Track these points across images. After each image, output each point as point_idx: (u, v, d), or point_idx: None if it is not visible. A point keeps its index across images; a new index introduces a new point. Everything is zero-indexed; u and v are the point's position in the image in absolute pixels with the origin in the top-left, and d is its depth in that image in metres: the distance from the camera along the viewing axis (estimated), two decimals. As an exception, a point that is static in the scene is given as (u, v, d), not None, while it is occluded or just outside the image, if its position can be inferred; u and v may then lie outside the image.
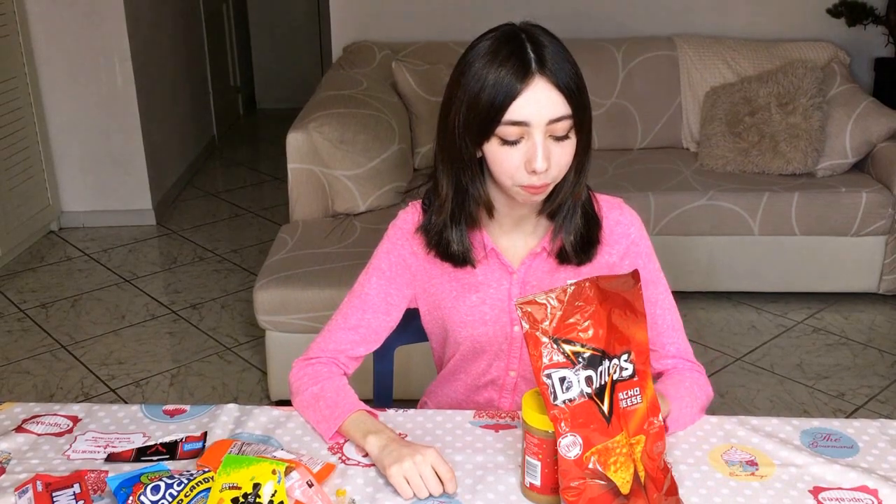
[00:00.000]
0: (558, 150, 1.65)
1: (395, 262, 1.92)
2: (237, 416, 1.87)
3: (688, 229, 4.37)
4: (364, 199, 4.07)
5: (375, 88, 4.49)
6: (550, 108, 1.61)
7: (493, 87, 1.60)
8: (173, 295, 4.79)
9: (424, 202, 1.89)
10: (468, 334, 1.92)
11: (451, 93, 1.70)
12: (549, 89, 1.61)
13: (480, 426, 1.83)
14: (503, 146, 1.64)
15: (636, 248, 1.89)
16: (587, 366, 1.46)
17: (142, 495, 1.49)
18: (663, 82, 4.99)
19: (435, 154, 1.80)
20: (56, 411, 1.89)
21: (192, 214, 6.05)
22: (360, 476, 1.67)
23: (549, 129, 1.62)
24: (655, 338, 1.91)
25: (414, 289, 1.94)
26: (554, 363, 1.46)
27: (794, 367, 3.98)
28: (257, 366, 4.04)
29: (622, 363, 1.51)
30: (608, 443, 1.47)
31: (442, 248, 1.85)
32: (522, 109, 1.60)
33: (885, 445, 1.77)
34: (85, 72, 5.44)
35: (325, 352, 1.93)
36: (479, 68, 1.63)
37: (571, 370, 1.46)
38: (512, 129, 1.62)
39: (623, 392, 1.50)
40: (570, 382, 1.46)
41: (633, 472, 1.48)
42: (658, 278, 1.92)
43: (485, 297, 1.88)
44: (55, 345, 4.25)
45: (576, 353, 1.46)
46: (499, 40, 1.64)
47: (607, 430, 1.47)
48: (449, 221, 1.81)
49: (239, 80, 8.65)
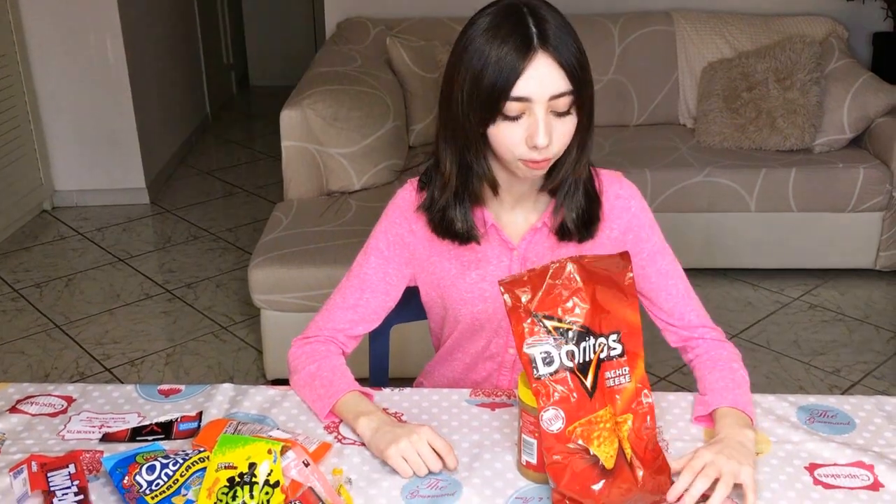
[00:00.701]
0: (560, 127, 1.64)
1: (394, 241, 1.91)
2: (233, 395, 1.87)
3: (684, 206, 4.38)
4: (359, 177, 4.07)
5: (370, 65, 4.48)
6: (552, 85, 1.60)
7: (496, 64, 1.59)
8: (168, 274, 4.79)
9: (422, 179, 1.88)
10: (468, 311, 1.91)
11: (453, 70, 1.69)
12: (550, 65, 1.59)
13: (477, 405, 1.84)
14: (504, 121, 1.64)
15: (638, 221, 1.89)
16: (569, 341, 1.48)
17: (137, 475, 1.50)
18: (660, 58, 4.98)
19: (437, 131, 1.80)
20: (50, 391, 1.89)
21: (186, 193, 6.04)
22: (357, 455, 1.67)
23: (550, 105, 1.62)
24: (673, 308, 1.90)
25: (413, 267, 1.94)
26: (536, 339, 1.48)
27: (791, 343, 3.99)
28: (253, 345, 4.04)
29: (610, 342, 1.51)
30: (591, 416, 1.47)
31: (445, 226, 1.84)
32: (524, 86, 1.59)
33: (882, 422, 1.78)
34: (76, 48, 5.42)
35: (324, 330, 1.93)
36: (480, 45, 1.62)
37: (553, 345, 1.48)
38: (514, 104, 1.61)
39: (610, 371, 1.51)
40: (552, 357, 1.47)
41: (618, 448, 1.49)
42: (664, 248, 1.92)
43: (485, 273, 1.88)
44: (49, 324, 4.25)
45: (557, 328, 1.48)
46: (500, 15, 1.63)
47: (590, 403, 1.48)
48: (453, 200, 1.81)
49: (232, 57, 8.60)
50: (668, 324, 1.92)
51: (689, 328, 1.91)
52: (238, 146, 7.17)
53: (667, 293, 1.90)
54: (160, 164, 6.13)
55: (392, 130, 4.22)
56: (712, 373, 1.82)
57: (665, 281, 1.90)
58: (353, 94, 4.10)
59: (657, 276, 1.90)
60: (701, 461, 1.55)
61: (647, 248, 1.89)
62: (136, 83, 5.62)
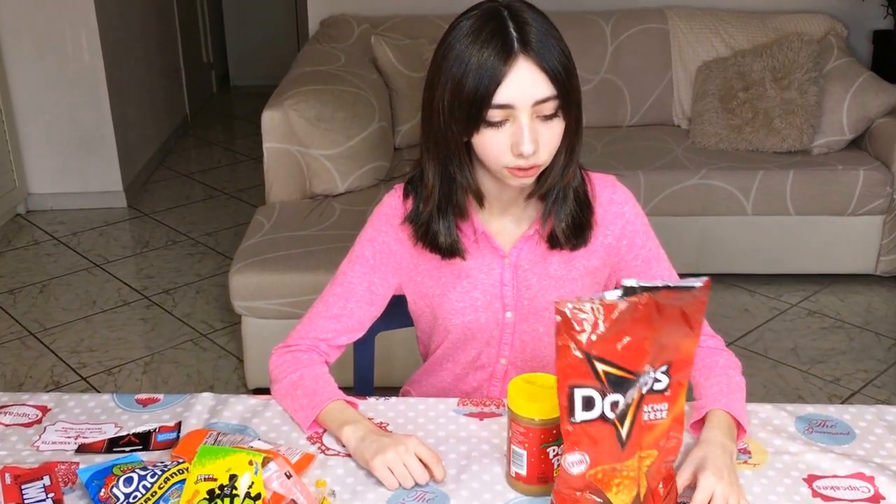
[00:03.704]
0: (546, 132, 1.64)
1: (379, 249, 1.90)
2: (213, 405, 1.87)
3: (679, 209, 4.38)
4: (343, 180, 4.07)
5: (354, 64, 4.48)
6: (535, 90, 1.60)
7: (477, 71, 1.59)
8: (146, 280, 4.78)
9: (407, 188, 1.87)
10: (458, 321, 1.91)
11: (434, 77, 1.68)
12: (532, 70, 1.59)
13: (465, 414, 1.84)
14: (488, 129, 1.63)
15: (632, 227, 1.89)
16: (616, 389, 1.37)
17: (114, 487, 1.50)
18: (653, 57, 4.99)
19: (420, 141, 1.79)
20: (25, 401, 1.89)
21: (165, 196, 6.03)
22: (341, 466, 1.67)
23: (535, 111, 1.61)
24: None
25: (399, 278, 1.93)
26: (581, 381, 1.37)
27: (789, 351, 4.00)
28: (233, 353, 4.04)
29: (657, 375, 1.41)
30: (616, 465, 1.40)
31: (429, 240, 1.83)
32: (506, 92, 1.59)
33: (882, 432, 1.78)
34: (50, 46, 5.40)
35: (306, 339, 1.92)
36: (459, 51, 1.62)
37: (598, 391, 1.37)
38: (496, 111, 1.61)
39: (649, 405, 1.41)
40: (594, 403, 1.37)
41: (635, 495, 1.43)
42: (659, 255, 1.92)
43: (476, 282, 1.88)
44: (24, 332, 4.24)
45: (608, 374, 1.36)
46: (480, 19, 1.62)
47: (620, 454, 1.40)
48: (436, 213, 1.80)
49: (212, 56, 8.60)
50: None
51: None
52: (218, 148, 7.17)
53: None
54: (138, 167, 6.11)
55: (377, 131, 4.22)
56: (708, 379, 1.82)
57: None
58: (337, 94, 4.10)
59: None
60: (707, 491, 1.54)
61: (641, 254, 1.89)
62: (112, 82, 5.61)
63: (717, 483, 1.54)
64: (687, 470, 1.58)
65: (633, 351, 1.37)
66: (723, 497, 1.52)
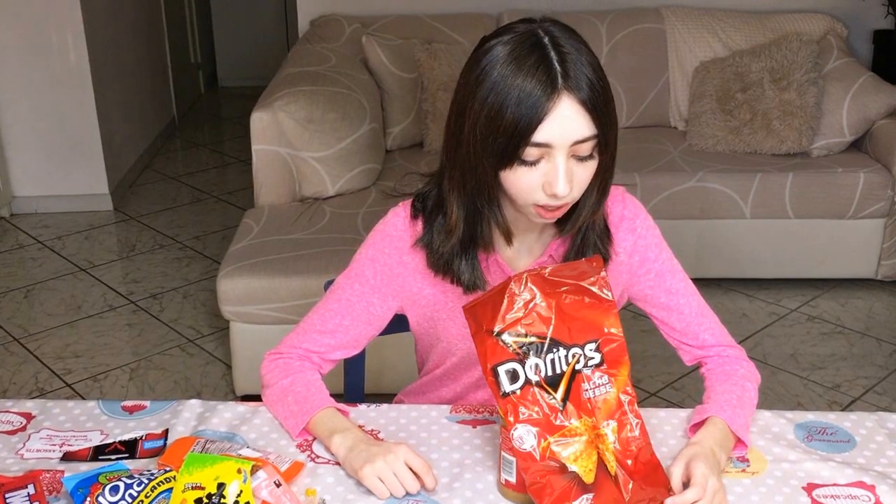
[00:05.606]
0: (581, 172, 1.58)
1: (381, 271, 1.84)
2: (200, 412, 1.87)
3: (676, 212, 4.39)
4: (333, 183, 4.07)
5: (345, 65, 4.48)
6: (576, 129, 1.53)
7: (517, 106, 1.51)
8: (132, 284, 4.77)
9: (415, 206, 1.81)
10: (464, 346, 1.88)
11: (466, 103, 1.59)
12: (574, 108, 1.52)
13: (457, 422, 1.84)
14: (521, 166, 1.56)
15: (644, 241, 1.87)
16: (533, 355, 1.51)
17: (100, 496, 1.49)
18: (650, 57, 4.99)
19: (442, 168, 1.72)
20: (8, 408, 1.88)
21: (152, 199, 6.02)
22: (331, 475, 1.67)
23: (572, 150, 1.55)
24: (686, 328, 1.89)
25: (401, 301, 1.88)
26: (500, 358, 1.50)
27: (788, 357, 4.00)
28: (221, 359, 4.03)
29: (586, 352, 1.54)
30: (564, 430, 1.49)
31: (449, 274, 1.77)
32: (547, 130, 1.52)
33: (883, 439, 1.78)
34: (35, 47, 5.39)
35: (298, 349, 1.90)
36: (498, 79, 1.53)
37: (517, 362, 1.50)
38: (533, 150, 1.54)
39: (588, 382, 1.53)
40: (517, 373, 1.50)
41: (597, 461, 1.50)
42: (673, 266, 1.90)
43: None
44: (7, 338, 4.23)
45: (519, 343, 1.51)
46: (520, 45, 1.54)
47: (562, 416, 1.50)
48: (459, 248, 1.73)
49: (199, 56, 8.59)
50: (681, 342, 1.92)
51: (705, 347, 1.90)
52: (206, 150, 7.16)
53: (678, 313, 1.89)
54: (124, 169, 6.11)
55: (368, 133, 4.22)
56: (722, 385, 1.82)
57: (676, 300, 1.89)
58: (328, 95, 4.10)
59: (667, 295, 1.89)
60: (704, 478, 1.55)
61: (654, 267, 1.88)
62: (99, 83, 5.61)
63: (710, 475, 1.55)
64: (679, 464, 1.60)
65: (537, 317, 1.52)
66: (713, 491, 1.54)
